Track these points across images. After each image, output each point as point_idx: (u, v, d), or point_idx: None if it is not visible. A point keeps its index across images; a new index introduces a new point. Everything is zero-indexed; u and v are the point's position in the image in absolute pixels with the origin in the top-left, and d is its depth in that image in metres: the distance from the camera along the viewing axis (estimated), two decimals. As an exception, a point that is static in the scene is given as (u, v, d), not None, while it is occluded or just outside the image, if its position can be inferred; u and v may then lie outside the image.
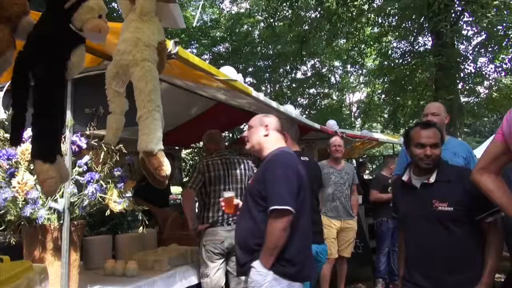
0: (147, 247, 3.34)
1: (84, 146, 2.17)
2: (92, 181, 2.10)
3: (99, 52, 2.09)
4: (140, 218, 2.35)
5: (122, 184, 2.21)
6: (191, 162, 12.75)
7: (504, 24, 7.40)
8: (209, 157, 3.22)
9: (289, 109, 4.24)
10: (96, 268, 2.84)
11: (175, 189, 9.61)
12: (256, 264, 2.04)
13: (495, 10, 7.52)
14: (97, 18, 1.39)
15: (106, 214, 2.19)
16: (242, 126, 12.03)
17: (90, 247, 2.93)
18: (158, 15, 1.68)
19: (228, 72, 2.73)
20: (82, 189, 2.12)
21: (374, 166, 16.24)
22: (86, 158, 2.18)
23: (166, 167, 1.52)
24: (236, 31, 15.46)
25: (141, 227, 2.35)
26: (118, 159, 2.15)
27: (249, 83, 16.31)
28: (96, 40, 1.48)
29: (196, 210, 3.52)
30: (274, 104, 3.49)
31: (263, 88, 16.56)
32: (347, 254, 4.46)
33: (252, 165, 3.27)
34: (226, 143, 9.57)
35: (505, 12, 7.27)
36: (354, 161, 10.04)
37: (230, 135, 13.06)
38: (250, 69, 15.58)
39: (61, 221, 2.10)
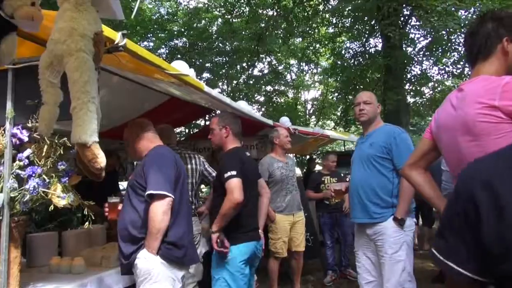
0: (96, 243, 3.27)
1: (26, 139, 2.08)
2: (33, 175, 2.02)
3: (42, 41, 2.01)
4: (87, 213, 2.30)
5: (67, 178, 2.14)
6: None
7: (447, 29, 7.86)
8: (159, 152, 3.18)
9: (242, 105, 4.28)
10: (41, 266, 2.74)
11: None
12: (142, 252, 2.12)
13: (438, 16, 7.99)
14: (29, 6, 1.34)
15: (50, 210, 2.12)
16: (199, 121, 11.98)
17: (34, 244, 2.82)
18: (95, 5, 1.64)
19: (180, 66, 2.72)
20: (23, 184, 2.04)
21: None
22: (27, 152, 2.09)
23: (101, 159, 1.50)
24: (194, 26, 15.28)
25: (87, 223, 2.30)
26: (62, 152, 2.08)
27: (206, 78, 16.22)
28: (28, 28, 1.43)
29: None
30: (227, 100, 3.51)
31: (220, 84, 16.50)
32: (302, 248, 4.38)
33: (203, 161, 3.29)
34: (183, 138, 9.49)
35: (448, 18, 7.74)
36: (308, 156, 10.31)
37: (187, 130, 12.93)
38: (208, 65, 15.47)
39: (0, 217, 2.02)
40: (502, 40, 1.56)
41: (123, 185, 6.62)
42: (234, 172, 2.47)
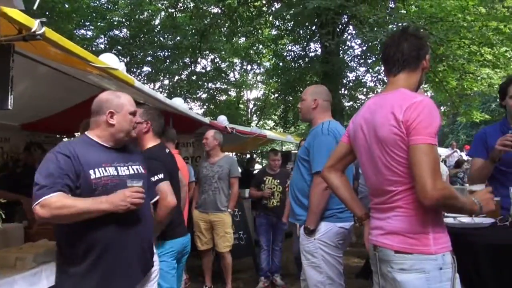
0: (12, 243, 3.04)
1: None
2: None
3: None
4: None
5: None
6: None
7: (379, 40, 8.34)
8: (85, 147, 3.05)
9: (178, 102, 4.22)
10: None
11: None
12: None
13: (369, 27, 8.45)
14: None
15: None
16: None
17: None
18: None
19: (109, 60, 2.62)
20: None
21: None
22: None
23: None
24: (136, 17, 14.76)
25: (-1, 221, 2.14)
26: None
27: (146, 72, 15.76)
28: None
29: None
30: (160, 96, 3.44)
31: (161, 79, 16.12)
32: (223, 249, 4.40)
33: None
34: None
35: (379, 30, 8.22)
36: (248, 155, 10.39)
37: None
38: (149, 58, 15.04)
39: None
40: (426, 58, 1.73)
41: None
42: (161, 175, 2.37)
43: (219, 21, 12.98)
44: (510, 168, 2.41)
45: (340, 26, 10.49)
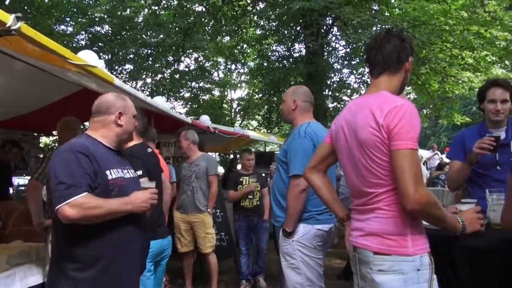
0: (-15, 244, 2.97)
1: None
2: None
3: None
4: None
5: None
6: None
7: (363, 42, 8.42)
8: (62, 147, 2.98)
9: (159, 101, 4.15)
10: None
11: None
12: None
13: (353, 29, 8.53)
14: None
15: None
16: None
17: None
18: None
19: (88, 57, 2.55)
20: None
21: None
22: None
23: None
24: (118, 14, 14.52)
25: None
26: None
27: (128, 70, 15.53)
28: None
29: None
30: (140, 95, 3.39)
31: (143, 77, 15.91)
32: (207, 250, 4.34)
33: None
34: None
35: (362, 32, 8.31)
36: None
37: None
38: (131, 56, 14.82)
39: None
40: (408, 59, 1.72)
41: (26, 179, 6.05)
42: (139, 173, 2.33)
43: (203, 19, 12.90)
44: (487, 170, 2.45)
45: (324, 27, 10.55)
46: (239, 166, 9.52)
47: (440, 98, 12.52)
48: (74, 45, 13.39)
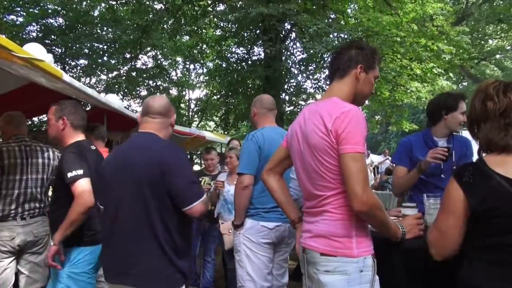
0: None
1: None
2: None
3: None
4: None
5: None
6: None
7: (320, 48, 8.62)
8: (4, 142, 2.83)
9: (112, 99, 4.04)
10: None
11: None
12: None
13: (309, 37, 8.71)
14: None
15: None
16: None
17: None
18: None
19: (34, 50, 2.44)
20: None
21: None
22: None
23: None
24: (73, 7, 13.91)
25: None
26: None
27: (82, 65, 14.91)
28: None
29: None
30: (89, 91, 3.27)
31: (98, 73, 15.35)
32: None
33: (58, 155, 2.99)
34: (35, 129, 8.50)
35: (317, 40, 8.51)
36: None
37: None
38: (86, 51, 14.24)
39: None
40: (357, 66, 1.75)
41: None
42: (80, 172, 2.21)
43: (162, 18, 12.64)
44: (430, 178, 2.58)
45: (283, 32, 10.70)
46: (196, 167, 9.43)
47: (390, 105, 13.07)
48: (24, 36, 12.69)
